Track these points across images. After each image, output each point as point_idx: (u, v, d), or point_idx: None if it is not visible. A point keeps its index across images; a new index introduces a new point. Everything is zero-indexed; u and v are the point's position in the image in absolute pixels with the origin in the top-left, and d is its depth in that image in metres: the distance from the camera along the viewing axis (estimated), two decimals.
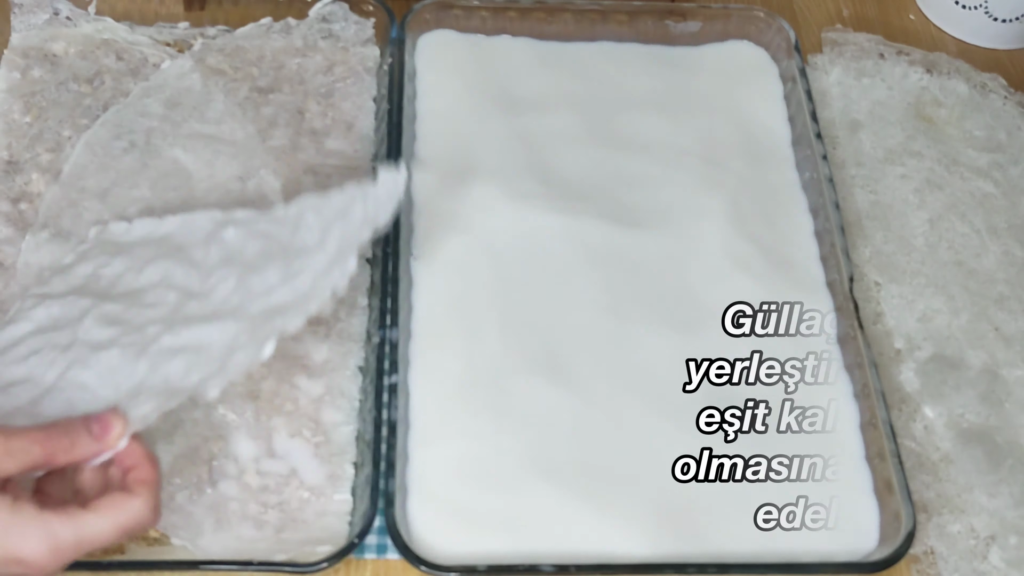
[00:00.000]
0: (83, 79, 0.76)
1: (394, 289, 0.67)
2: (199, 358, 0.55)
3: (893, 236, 0.75)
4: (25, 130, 0.74)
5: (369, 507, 0.58)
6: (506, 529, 0.61)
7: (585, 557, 0.59)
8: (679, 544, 0.61)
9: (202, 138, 0.74)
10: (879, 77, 0.83)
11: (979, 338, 0.70)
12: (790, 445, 0.64)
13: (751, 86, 0.82)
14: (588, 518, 0.61)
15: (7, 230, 0.69)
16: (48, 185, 0.71)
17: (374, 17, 0.81)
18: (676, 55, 0.83)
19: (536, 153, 0.76)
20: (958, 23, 0.90)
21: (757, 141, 0.79)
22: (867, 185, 0.77)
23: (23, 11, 0.78)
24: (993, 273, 0.73)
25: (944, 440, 0.66)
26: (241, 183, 0.72)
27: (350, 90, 0.77)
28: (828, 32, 0.86)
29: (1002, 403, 0.68)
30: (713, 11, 0.84)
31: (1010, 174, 0.78)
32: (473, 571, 0.57)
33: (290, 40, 0.80)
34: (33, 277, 0.66)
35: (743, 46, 0.83)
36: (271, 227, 0.63)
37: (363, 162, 0.75)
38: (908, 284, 0.72)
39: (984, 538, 0.63)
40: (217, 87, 0.77)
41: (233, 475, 0.61)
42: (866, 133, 0.80)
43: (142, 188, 0.71)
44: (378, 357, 0.65)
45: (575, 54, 0.82)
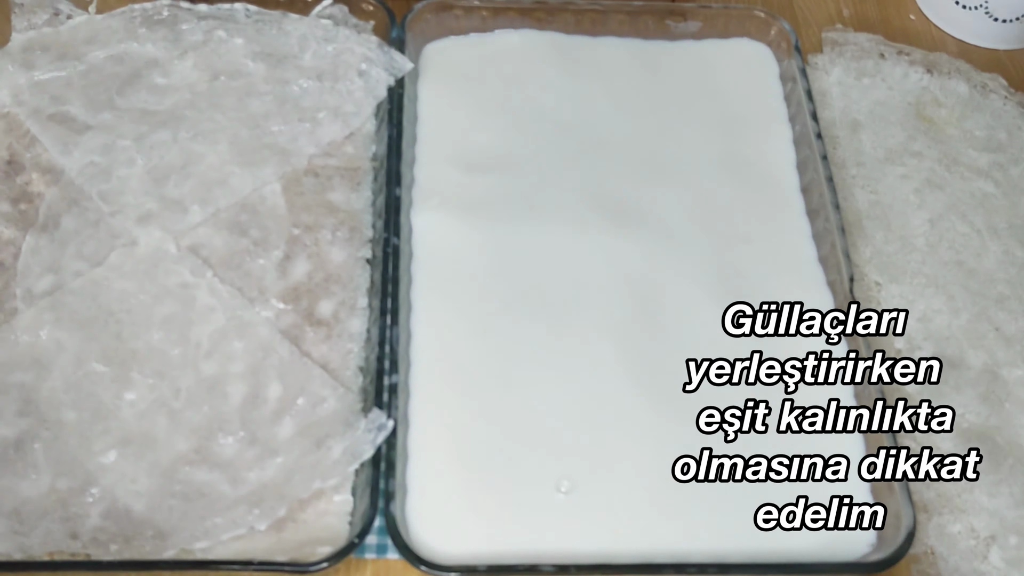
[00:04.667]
0: (84, 79, 0.76)
1: (394, 289, 0.67)
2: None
3: (894, 236, 0.75)
4: (25, 130, 0.74)
5: (369, 507, 0.58)
6: (506, 529, 0.61)
7: (585, 557, 0.59)
8: (679, 544, 0.61)
9: (201, 137, 0.74)
10: (879, 77, 0.83)
11: (979, 338, 0.70)
12: (790, 445, 0.64)
13: (751, 85, 0.82)
14: (588, 518, 0.61)
15: (7, 230, 0.69)
16: (48, 185, 0.71)
17: (374, 19, 0.81)
18: (676, 52, 0.83)
19: (536, 152, 0.76)
20: (958, 23, 0.90)
21: (757, 141, 0.79)
22: (867, 185, 0.77)
23: (23, 11, 0.79)
24: (993, 273, 0.73)
25: (944, 440, 0.66)
26: (240, 182, 0.72)
27: (350, 91, 0.77)
28: (828, 32, 0.86)
29: (1002, 403, 0.68)
30: (713, 11, 0.84)
31: (1010, 174, 0.78)
32: (473, 571, 0.57)
33: (290, 41, 0.80)
34: (33, 277, 0.66)
35: (743, 45, 0.83)
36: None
37: (363, 163, 0.75)
38: (908, 284, 0.72)
39: (984, 538, 0.63)
40: (217, 87, 0.77)
41: (233, 473, 0.61)
42: (866, 133, 0.80)
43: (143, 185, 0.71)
44: (378, 357, 0.65)
45: (575, 52, 0.82)
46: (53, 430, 0.62)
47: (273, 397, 0.64)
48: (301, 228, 0.71)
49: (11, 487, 0.60)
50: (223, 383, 0.64)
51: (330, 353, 0.66)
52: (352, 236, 0.71)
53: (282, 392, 0.64)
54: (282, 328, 0.67)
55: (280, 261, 0.69)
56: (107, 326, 0.66)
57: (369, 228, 0.72)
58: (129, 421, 0.63)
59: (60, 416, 0.62)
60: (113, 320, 0.66)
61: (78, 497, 0.60)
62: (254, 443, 0.62)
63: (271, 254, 0.69)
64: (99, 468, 0.61)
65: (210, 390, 0.64)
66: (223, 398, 0.64)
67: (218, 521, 0.59)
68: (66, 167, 0.72)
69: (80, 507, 0.60)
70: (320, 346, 0.66)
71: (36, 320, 0.65)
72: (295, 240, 0.70)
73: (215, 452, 0.62)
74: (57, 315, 0.66)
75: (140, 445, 0.62)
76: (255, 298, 0.68)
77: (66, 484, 0.60)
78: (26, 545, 0.58)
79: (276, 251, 0.70)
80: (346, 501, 0.61)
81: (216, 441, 0.62)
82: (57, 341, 0.65)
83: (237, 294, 0.67)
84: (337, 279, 0.69)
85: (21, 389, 0.63)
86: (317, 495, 0.61)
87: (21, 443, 0.61)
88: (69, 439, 0.62)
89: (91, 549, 0.58)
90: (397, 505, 0.59)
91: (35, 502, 0.60)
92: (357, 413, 0.63)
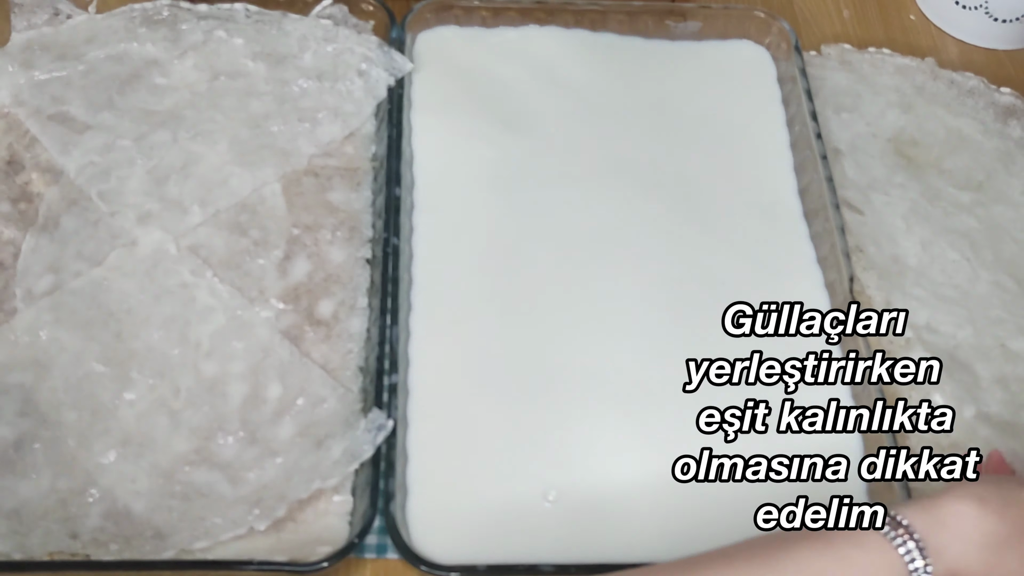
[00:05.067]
0: (84, 79, 0.76)
1: (394, 289, 0.67)
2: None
3: (885, 255, 0.74)
4: (25, 130, 0.74)
5: (369, 507, 0.58)
6: (506, 529, 0.61)
7: (585, 557, 0.59)
8: (679, 544, 0.60)
9: (201, 137, 0.74)
10: (857, 113, 0.82)
11: (987, 350, 0.70)
12: (790, 445, 0.64)
13: (750, 86, 0.82)
14: (588, 518, 0.61)
15: (7, 230, 0.69)
16: (48, 185, 0.71)
17: (374, 19, 0.81)
18: (676, 51, 0.83)
19: (536, 150, 0.76)
20: (958, 23, 0.90)
21: (756, 141, 0.79)
22: (853, 206, 0.76)
23: (23, 11, 0.79)
24: (988, 299, 0.72)
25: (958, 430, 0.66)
26: (240, 182, 0.72)
27: (350, 91, 0.77)
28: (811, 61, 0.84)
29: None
30: (713, 11, 0.84)
31: (992, 212, 0.77)
32: (473, 571, 0.57)
33: (290, 41, 0.80)
34: (33, 277, 0.66)
35: (743, 45, 0.83)
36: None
37: (363, 163, 0.75)
38: (909, 296, 0.72)
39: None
40: (217, 87, 0.77)
41: (233, 473, 0.61)
42: (848, 161, 0.78)
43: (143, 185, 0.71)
44: (378, 357, 0.65)
45: (575, 50, 0.82)
46: (53, 430, 0.62)
47: (273, 397, 0.64)
48: (301, 228, 0.71)
49: (11, 487, 0.60)
50: (223, 383, 0.64)
51: (330, 353, 0.66)
52: (352, 236, 0.71)
53: (282, 392, 0.64)
54: (282, 328, 0.67)
55: (280, 261, 0.69)
56: (107, 326, 0.66)
57: (369, 228, 0.72)
58: (129, 421, 0.63)
59: (60, 416, 0.62)
60: (113, 320, 0.66)
61: (78, 497, 0.60)
62: (254, 443, 0.62)
63: (271, 254, 0.69)
64: (99, 468, 0.61)
65: (210, 390, 0.64)
66: (223, 398, 0.64)
67: (218, 521, 0.59)
68: (66, 167, 0.72)
69: (80, 507, 0.60)
70: (320, 346, 0.66)
71: (36, 320, 0.65)
72: (295, 240, 0.70)
73: (215, 452, 0.62)
74: (57, 315, 0.66)
75: (140, 445, 0.62)
76: (255, 298, 0.68)
77: (66, 484, 0.60)
78: (26, 545, 0.58)
79: (276, 251, 0.70)
80: (346, 501, 0.61)
81: (216, 441, 0.62)
82: (57, 341, 0.65)
83: (237, 294, 0.67)
84: (337, 279, 0.69)
85: (21, 389, 0.63)
86: (317, 495, 0.61)
87: (21, 443, 0.61)
88: (69, 439, 0.62)
89: (91, 549, 0.58)
90: (397, 505, 0.59)
91: (35, 502, 0.59)
92: (357, 413, 0.63)
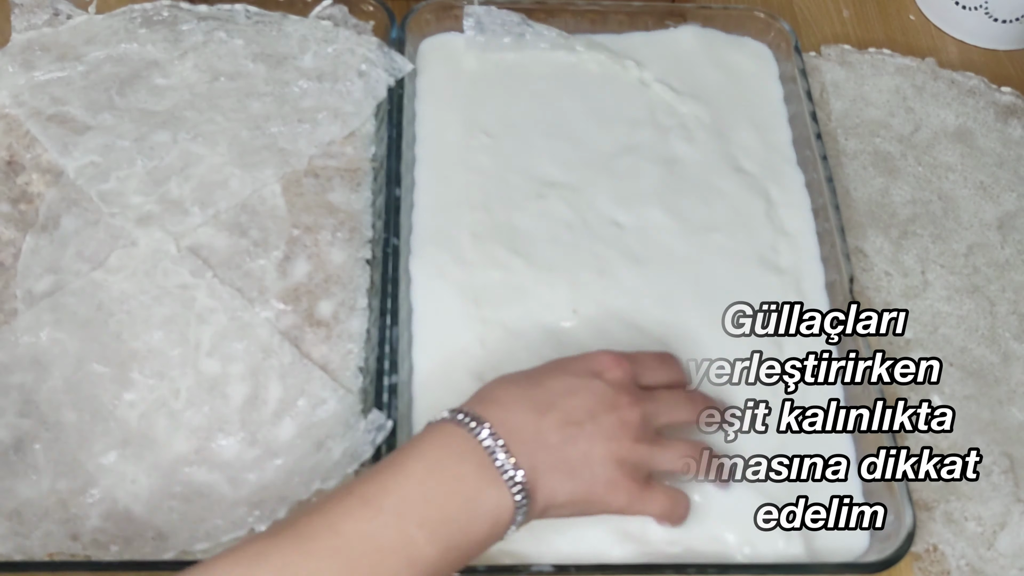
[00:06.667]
0: (84, 79, 0.76)
1: (394, 289, 0.67)
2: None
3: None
4: (25, 130, 0.74)
5: None
6: None
7: (585, 557, 0.59)
8: (679, 544, 0.60)
9: (201, 138, 0.74)
10: (858, 113, 0.82)
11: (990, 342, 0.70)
12: (790, 445, 0.64)
13: (751, 86, 0.82)
14: (588, 518, 0.61)
15: (7, 230, 0.69)
16: (48, 185, 0.71)
17: (374, 20, 0.81)
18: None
19: (535, 148, 0.76)
20: (958, 23, 0.90)
21: (756, 141, 0.79)
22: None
23: (23, 11, 0.79)
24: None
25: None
26: (240, 183, 0.72)
27: (350, 92, 0.77)
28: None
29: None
30: (713, 11, 0.84)
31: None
32: (473, 571, 0.57)
33: (290, 42, 0.80)
34: (34, 278, 0.66)
35: (744, 44, 0.83)
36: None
37: (363, 163, 0.75)
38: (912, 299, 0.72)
39: (991, 526, 0.63)
40: (217, 88, 0.77)
41: (233, 474, 0.61)
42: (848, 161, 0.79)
43: (143, 186, 0.71)
44: (378, 358, 0.65)
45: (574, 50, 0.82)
46: (53, 431, 0.62)
47: (273, 398, 0.64)
48: (301, 229, 0.71)
49: (11, 488, 0.60)
50: (223, 384, 0.64)
51: (330, 354, 0.66)
52: (352, 236, 0.71)
53: (282, 393, 0.64)
54: (282, 329, 0.67)
55: (280, 262, 0.69)
56: (107, 327, 0.66)
57: (369, 228, 0.72)
58: (129, 422, 0.63)
59: (60, 417, 0.62)
60: (113, 321, 0.66)
61: (78, 498, 0.60)
62: (254, 444, 0.62)
63: (271, 255, 0.69)
64: (99, 469, 0.61)
65: (210, 391, 0.64)
66: (223, 399, 0.64)
67: (218, 522, 0.59)
68: (66, 167, 0.72)
69: (80, 508, 0.60)
70: (320, 347, 0.66)
71: (36, 321, 0.65)
72: (295, 241, 0.70)
73: (215, 453, 0.62)
74: (57, 316, 0.66)
75: (140, 446, 0.62)
76: (255, 299, 0.68)
77: (66, 485, 0.60)
78: (26, 546, 0.58)
79: (276, 252, 0.70)
80: None
81: (216, 442, 0.62)
82: (57, 342, 0.65)
83: (237, 295, 0.67)
84: (337, 280, 0.69)
85: (21, 390, 0.63)
86: (318, 495, 0.60)
87: (21, 444, 0.61)
88: (69, 440, 0.62)
89: (91, 550, 0.58)
90: None
91: (35, 503, 0.60)
92: (357, 414, 0.63)
